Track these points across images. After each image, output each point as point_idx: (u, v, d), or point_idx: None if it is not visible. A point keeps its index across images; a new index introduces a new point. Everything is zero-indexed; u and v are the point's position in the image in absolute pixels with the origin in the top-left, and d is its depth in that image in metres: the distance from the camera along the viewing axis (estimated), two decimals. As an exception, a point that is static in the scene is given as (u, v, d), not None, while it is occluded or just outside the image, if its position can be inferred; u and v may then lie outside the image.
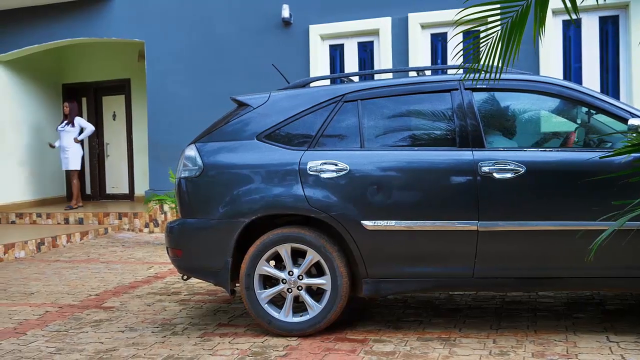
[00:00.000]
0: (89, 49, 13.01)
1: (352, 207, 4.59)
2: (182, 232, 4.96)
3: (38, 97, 13.02)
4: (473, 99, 4.67)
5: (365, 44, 9.94)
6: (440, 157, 4.62)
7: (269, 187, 4.72)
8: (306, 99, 4.95)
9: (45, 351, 4.69)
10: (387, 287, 4.65)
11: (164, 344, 4.72)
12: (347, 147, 4.77)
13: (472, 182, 4.46)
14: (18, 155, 12.50)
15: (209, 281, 5.00)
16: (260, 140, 4.87)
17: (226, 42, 10.46)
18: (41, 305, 6.14)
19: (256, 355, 4.35)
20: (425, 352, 4.27)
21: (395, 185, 4.62)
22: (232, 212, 4.75)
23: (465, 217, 4.46)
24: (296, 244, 4.69)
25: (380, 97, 4.87)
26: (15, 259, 8.98)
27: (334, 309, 4.64)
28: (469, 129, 4.59)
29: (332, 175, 4.63)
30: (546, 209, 4.41)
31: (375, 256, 4.60)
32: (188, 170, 4.93)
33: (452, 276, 4.57)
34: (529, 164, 4.42)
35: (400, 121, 4.97)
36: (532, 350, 4.21)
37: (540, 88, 4.69)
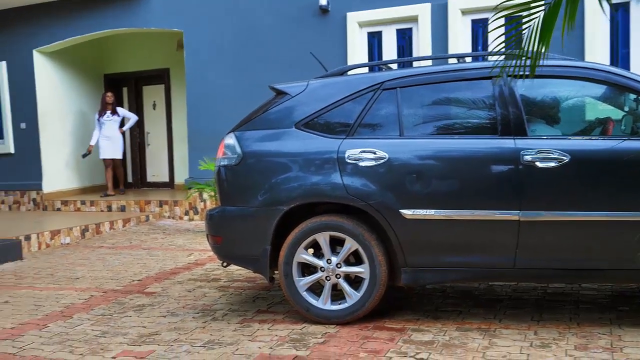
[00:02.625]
0: (130, 39, 13.14)
1: (390, 195, 4.57)
2: (222, 219, 5.01)
3: (81, 87, 13.22)
4: (515, 86, 4.59)
5: (403, 31, 9.86)
6: (481, 146, 4.55)
7: (307, 176, 4.73)
8: (344, 87, 4.93)
9: (91, 334, 4.80)
10: (425, 277, 4.64)
11: (204, 329, 4.79)
12: (386, 136, 4.74)
13: (514, 171, 4.39)
14: (62, 144, 12.72)
15: (248, 268, 5.05)
16: (298, 128, 4.87)
17: (264, 30, 10.47)
18: (86, 289, 6.28)
19: (295, 341, 4.39)
20: (464, 342, 4.26)
21: (435, 174, 4.57)
22: (271, 200, 4.78)
23: (506, 206, 4.39)
24: (335, 232, 4.69)
25: (420, 84, 4.82)
26: (61, 245, 9.17)
27: (372, 298, 4.64)
28: (511, 116, 4.51)
29: (371, 163, 4.62)
30: (590, 199, 4.32)
31: (414, 245, 4.58)
32: (227, 159, 4.97)
33: (492, 267, 4.52)
34: (574, 153, 4.33)
35: (440, 109, 4.93)
36: (574, 342, 4.17)
37: (585, 74, 4.57)
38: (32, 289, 6.41)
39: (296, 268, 4.78)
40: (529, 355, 3.97)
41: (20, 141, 12.51)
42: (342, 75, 5.18)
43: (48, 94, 12.43)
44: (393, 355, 4.06)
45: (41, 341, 4.69)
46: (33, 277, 7.01)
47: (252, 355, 4.17)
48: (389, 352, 4.10)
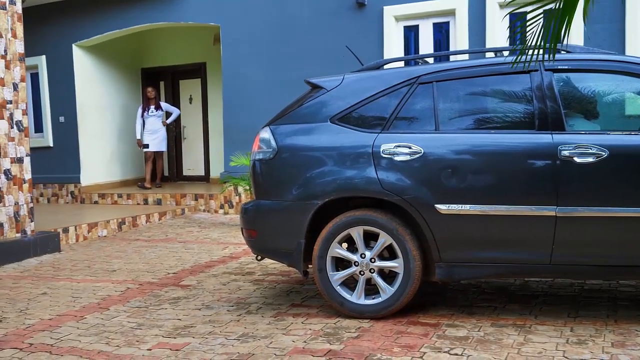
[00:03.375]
0: (167, 33, 13.25)
1: (425, 190, 4.54)
2: (256, 213, 5.03)
3: (118, 81, 13.38)
4: (553, 80, 4.53)
5: (440, 25, 9.78)
6: (517, 140, 4.51)
7: (342, 170, 4.72)
8: (380, 81, 4.90)
9: (127, 326, 4.86)
10: (460, 272, 4.60)
11: (239, 322, 4.82)
12: (422, 130, 4.72)
13: (551, 166, 4.34)
14: (100, 137, 12.89)
15: (282, 262, 5.07)
16: (333, 122, 4.87)
17: (300, 25, 10.48)
18: (122, 282, 6.36)
19: (328, 335, 4.39)
20: (499, 338, 4.22)
21: (471, 169, 4.54)
22: (306, 194, 4.78)
23: (543, 202, 4.35)
24: (369, 227, 4.68)
25: (456, 78, 4.79)
26: (98, 237, 9.31)
27: (406, 293, 4.62)
28: (549, 111, 4.45)
29: (406, 158, 4.60)
30: (628, 195, 4.26)
31: (449, 240, 4.55)
32: (262, 153, 4.98)
33: (528, 262, 4.47)
34: (613, 148, 4.26)
35: (477, 103, 4.89)
36: (611, 339, 4.11)
37: (624, 68, 4.49)
38: (70, 281, 6.52)
39: (330, 262, 4.78)
40: (564, 351, 3.92)
41: (58, 134, 12.71)
42: (378, 69, 5.16)
43: (86, 88, 12.61)
44: (427, 350, 4.04)
45: (78, 332, 4.77)
46: (71, 269, 7.12)
47: (286, 348, 4.18)
48: (423, 347, 4.08)
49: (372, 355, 3.99)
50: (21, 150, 8.11)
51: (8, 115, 7.93)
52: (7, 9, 7.99)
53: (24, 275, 6.90)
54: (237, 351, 4.18)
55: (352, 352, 4.06)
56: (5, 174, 7.87)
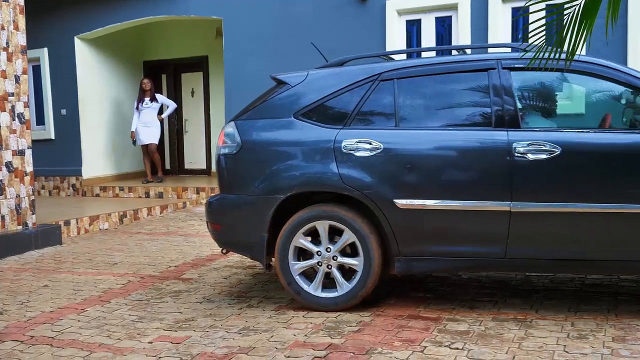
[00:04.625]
0: (169, 26, 13.23)
1: (385, 185, 4.63)
2: (220, 207, 5.11)
3: (120, 74, 13.36)
4: (511, 78, 4.63)
5: (443, 19, 9.76)
6: (474, 137, 4.61)
7: (304, 165, 4.81)
8: (343, 78, 4.98)
9: (128, 319, 4.87)
10: (419, 266, 4.70)
11: (240, 315, 4.83)
12: (382, 126, 4.82)
13: (506, 163, 4.44)
14: (102, 130, 12.89)
15: (245, 255, 5.16)
16: (297, 118, 4.94)
17: (303, 18, 10.45)
18: (124, 275, 6.36)
19: (329, 329, 4.40)
20: (500, 332, 4.22)
21: (429, 165, 4.65)
22: (269, 188, 4.85)
23: (498, 197, 4.45)
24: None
25: (416, 76, 4.88)
26: (99, 230, 9.31)
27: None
28: (505, 109, 4.57)
29: (366, 154, 4.68)
30: (581, 191, 4.36)
31: (408, 235, 4.65)
32: (227, 147, 5.05)
33: (484, 256, 4.57)
34: (565, 145, 4.37)
35: (436, 100, 4.96)
36: (612, 334, 4.11)
37: (580, 67, 4.56)
38: (71, 274, 6.53)
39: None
40: (565, 346, 3.92)
41: (60, 127, 12.71)
42: (342, 65, 5.21)
43: (88, 81, 12.59)
44: (428, 344, 4.04)
45: (79, 325, 4.78)
46: (72, 262, 7.13)
47: (287, 342, 4.18)
48: (424, 342, 4.09)
49: (373, 349, 3.99)
50: (23, 143, 8.11)
51: (10, 107, 7.93)
52: (10, 1, 7.99)
53: (25, 268, 6.90)
54: (238, 345, 4.18)
55: (353, 346, 4.06)
56: (6, 166, 7.88)
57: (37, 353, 4.21)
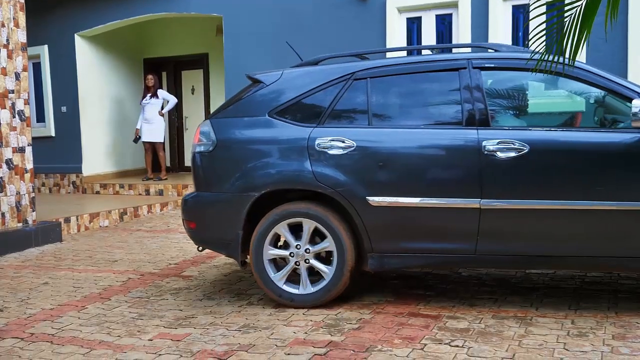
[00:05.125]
0: (169, 24, 13.23)
1: (358, 183, 4.69)
2: (196, 205, 5.13)
3: (120, 71, 13.36)
4: (481, 78, 4.71)
5: (443, 17, 9.75)
6: (445, 136, 4.69)
7: (278, 163, 4.86)
8: (317, 77, 5.04)
9: (128, 316, 4.87)
10: (391, 262, 4.76)
11: (240, 313, 4.83)
12: (355, 125, 4.89)
13: (476, 161, 4.51)
14: (102, 127, 12.89)
15: (221, 252, 5.18)
16: (271, 116, 4.98)
17: (303, 16, 10.44)
18: (124, 272, 6.37)
19: (329, 327, 4.40)
20: (500, 330, 4.22)
21: (401, 163, 4.71)
22: (243, 186, 4.89)
23: (468, 194, 4.53)
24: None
25: (389, 75, 4.94)
26: (100, 227, 9.32)
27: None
28: (475, 108, 4.64)
29: (339, 152, 4.73)
30: (548, 188, 4.44)
31: (380, 231, 4.70)
32: (202, 145, 5.08)
33: (455, 252, 4.64)
34: (533, 143, 4.45)
35: (408, 99, 5.02)
36: (612, 332, 4.11)
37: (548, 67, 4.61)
38: (71, 271, 6.53)
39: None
40: (565, 344, 3.92)
41: (60, 124, 12.70)
42: (316, 65, 5.26)
43: (89, 78, 12.59)
44: (428, 342, 4.04)
45: (79, 322, 4.78)
46: (72, 259, 7.13)
47: (287, 339, 4.18)
48: (424, 339, 4.09)
49: (372, 346, 3.99)
50: (23, 140, 8.11)
51: (10, 104, 7.93)
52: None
53: (25, 265, 6.91)
54: (238, 342, 4.18)
55: (353, 343, 4.06)
56: (7, 163, 7.88)
57: (37, 350, 4.21)
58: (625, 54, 8.25)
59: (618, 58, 8.27)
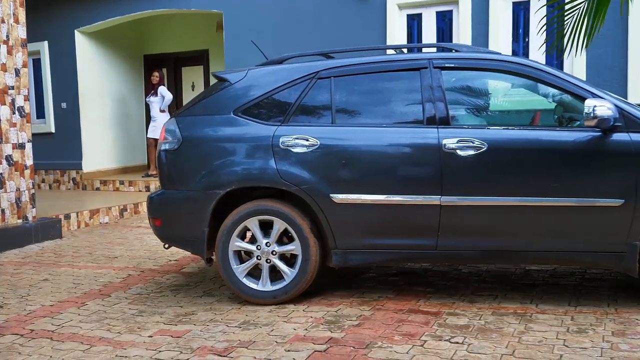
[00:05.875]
0: (170, 20, 13.21)
1: (321, 181, 4.75)
2: (161, 202, 5.16)
3: (121, 67, 13.34)
4: (441, 77, 4.80)
5: (444, 14, 9.73)
6: (407, 134, 4.78)
7: (243, 161, 4.91)
8: (282, 76, 5.10)
9: (128, 313, 4.87)
10: (355, 258, 4.83)
11: (240, 310, 4.83)
12: (319, 123, 4.95)
13: (437, 159, 4.61)
14: (102, 124, 12.87)
15: (187, 250, 5.19)
16: (236, 115, 5.02)
17: (303, 13, 10.43)
18: (124, 268, 6.37)
19: (330, 323, 4.40)
20: (500, 326, 4.22)
21: (363, 161, 4.78)
22: (209, 184, 4.92)
23: (429, 191, 4.62)
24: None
25: (352, 74, 5.01)
26: (100, 224, 9.32)
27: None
28: (436, 107, 4.73)
29: (303, 150, 4.79)
30: (506, 185, 4.56)
31: (344, 228, 4.78)
32: (168, 143, 5.10)
33: (417, 248, 4.74)
34: (491, 142, 4.55)
35: (371, 98, 5.06)
36: (612, 328, 4.11)
37: (506, 67, 4.78)
38: (71, 267, 6.53)
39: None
40: (565, 340, 3.93)
41: (60, 121, 12.70)
42: (281, 64, 5.32)
43: (89, 74, 12.58)
44: (428, 338, 4.04)
45: (79, 319, 4.78)
46: (72, 256, 7.13)
47: (287, 336, 4.19)
48: (424, 336, 4.09)
49: (373, 343, 4.00)
50: (23, 136, 8.10)
51: (10, 101, 7.92)
52: (9, -6, 7.97)
53: (25, 262, 6.91)
54: (238, 338, 4.18)
55: (353, 340, 4.06)
56: (7, 159, 7.87)
57: (37, 347, 4.21)
58: (624, 54, 8.23)
59: (619, 55, 8.25)
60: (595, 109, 4.27)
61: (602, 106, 4.29)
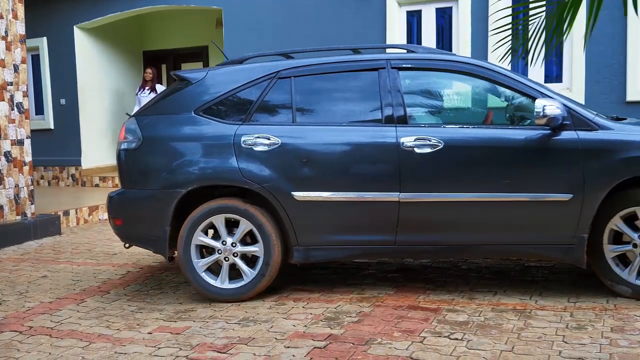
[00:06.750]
0: (169, 16, 13.18)
1: (283, 179, 4.81)
2: (122, 202, 5.18)
3: (120, 63, 13.32)
4: (399, 77, 4.91)
5: (443, 10, 9.71)
6: (366, 133, 4.87)
7: (205, 160, 4.94)
8: (243, 75, 5.14)
9: (128, 309, 4.87)
10: (316, 255, 4.92)
11: (239, 306, 4.83)
12: (280, 122, 5.01)
13: (395, 156, 4.72)
14: (102, 120, 12.86)
15: (148, 249, 5.20)
16: (197, 114, 5.06)
17: (303, 10, 10.41)
18: (123, 265, 6.37)
19: (329, 320, 4.40)
20: (499, 323, 4.23)
21: (324, 159, 4.87)
22: (170, 182, 4.94)
23: (388, 188, 4.73)
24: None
25: (312, 74, 5.09)
26: (99, 220, 9.32)
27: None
28: (394, 106, 4.84)
29: (265, 148, 4.84)
30: (462, 182, 4.71)
31: (305, 225, 4.86)
32: (128, 142, 5.11)
33: (377, 244, 4.86)
34: (447, 140, 4.69)
35: (331, 98, 5.12)
36: (611, 325, 4.12)
37: (460, 68, 4.93)
38: (70, 264, 6.53)
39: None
40: (564, 336, 3.93)
41: (59, 117, 12.68)
42: (242, 63, 5.35)
43: (88, 70, 12.56)
44: (427, 335, 4.04)
45: (78, 316, 4.78)
46: (71, 252, 7.13)
47: (287, 333, 4.19)
48: (424, 332, 4.09)
49: (372, 339, 4.00)
50: (22, 133, 8.09)
51: (8, 97, 7.91)
52: (8, -10, 7.95)
53: (24, 258, 6.91)
54: (237, 335, 4.18)
55: (353, 336, 4.06)
56: (5, 156, 7.86)
57: (36, 343, 4.21)
58: (624, 52, 8.23)
59: (618, 52, 8.24)
60: (545, 108, 4.46)
61: (551, 105, 4.47)
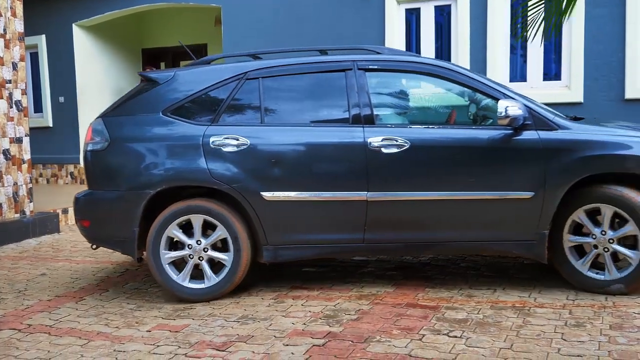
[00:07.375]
0: (168, 14, 13.16)
1: (251, 179, 4.85)
2: (89, 203, 5.16)
3: (119, 61, 13.30)
4: (365, 78, 4.98)
5: (442, 8, 9.70)
6: (334, 133, 4.94)
7: (173, 160, 4.94)
8: (211, 76, 5.16)
9: (126, 307, 4.87)
10: (285, 254, 4.97)
11: (238, 304, 4.83)
12: (248, 123, 5.03)
13: (363, 156, 4.79)
14: (100, 118, 12.83)
15: (117, 250, 5.20)
16: (165, 114, 5.05)
17: (302, 7, 10.39)
18: (122, 263, 6.36)
19: (328, 317, 4.40)
20: (498, 320, 4.23)
21: (292, 159, 4.93)
22: (138, 183, 4.94)
23: (356, 188, 4.81)
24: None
25: (280, 75, 5.13)
26: (97, 218, 9.28)
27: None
28: (361, 107, 4.91)
29: (233, 149, 4.87)
30: (427, 181, 4.81)
31: (274, 225, 4.89)
32: (95, 143, 5.10)
33: (345, 242, 4.93)
34: (413, 140, 4.78)
35: (298, 99, 5.17)
36: (609, 322, 4.12)
37: (425, 69, 5.02)
38: (69, 262, 6.53)
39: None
40: (563, 334, 3.93)
41: (58, 115, 12.65)
42: (209, 64, 5.38)
43: (87, 68, 12.54)
44: (426, 332, 4.04)
45: (77, 313, 4.78)
46: (70, 250, 7.13)
47: (286, 330, 4.19)
48: (422, 330, 4.09)
49: (371, 337, 4.00)
50: (20, 130, 8.09)
51: (7, 94, 7.90)
52: (6, -12, 7.94)
53: (22, 256, 6.90)
54: (236, 333, 4.18)
55: (352, 334, 4.06)
56: (4, 154, 7.86)
57: (35, 341, 4.21)
58: (622, 47, 8.22)
59: (617, 50, 8.23)
60: (508, 109, 4.54)
61: (513, 106, 4.56)
